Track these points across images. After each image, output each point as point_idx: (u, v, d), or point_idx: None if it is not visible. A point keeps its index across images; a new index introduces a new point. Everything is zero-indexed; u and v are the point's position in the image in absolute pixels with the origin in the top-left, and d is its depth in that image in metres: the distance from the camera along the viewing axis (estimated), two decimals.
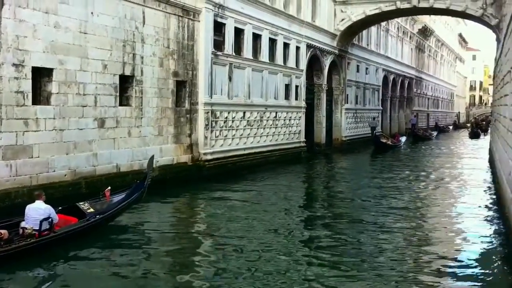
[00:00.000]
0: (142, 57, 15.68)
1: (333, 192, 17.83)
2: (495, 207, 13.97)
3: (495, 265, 8.92)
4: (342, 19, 30.06)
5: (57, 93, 12.93)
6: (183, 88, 17.73)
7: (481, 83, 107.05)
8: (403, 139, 38.31)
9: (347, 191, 17.78)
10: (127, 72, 15.17)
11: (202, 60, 18.39)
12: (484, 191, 17.29)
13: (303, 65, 26.56)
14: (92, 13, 13.85)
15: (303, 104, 26.71)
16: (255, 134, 22.13)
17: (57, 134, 12.91)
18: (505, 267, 8.57)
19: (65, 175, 13.10)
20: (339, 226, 11.95)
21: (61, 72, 12.99)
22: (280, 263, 8.77)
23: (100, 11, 14.09)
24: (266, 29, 22.57)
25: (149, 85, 16.02)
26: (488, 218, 12.82)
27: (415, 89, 53.01)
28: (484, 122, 65.57)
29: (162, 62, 16.62)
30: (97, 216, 10.12)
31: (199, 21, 18.24)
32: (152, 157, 12.22)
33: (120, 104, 15.02)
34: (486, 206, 14.43)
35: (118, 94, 14.86)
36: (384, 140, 34.87)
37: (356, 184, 19.20)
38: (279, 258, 9.09)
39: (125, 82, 15.24)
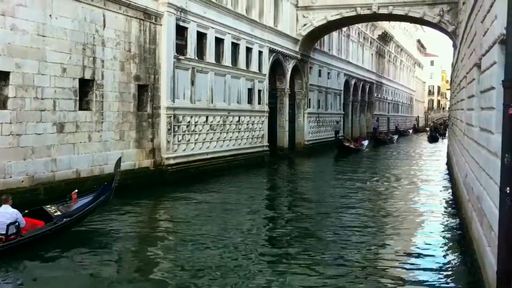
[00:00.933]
0: (102, 61, 15.46)
1: (296, 195, 17.95)
2: (452, 207, 14.35)
3: (452, 262, 9.15)
4: (304, 24, 30.37)
5: (14, 97, 12.61)
6: (145, 92, 17.56)
7: (439, 88, 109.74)
8: (366, 142, 39.11)
9: (310, 193, 17.97)
10: (87, 76, 14.92)
11: (164, 64, 18.26)
12: (442, 192, 17.73)
13: (266, 69, 26.69)
14: (50, 15, 13.58)
15: (266, 108, 26.82)
16: (218, 138, 22.09)
17: (14, 139, 12.58)
18: (462, 266, 8.79)
19: (22, 181, 12.78)
20: (301, 227, 12.03)
21: (18, 75, 12.68)
22: (242, 262, 8.79)
23: (59, 14, 13.83)
24: (228, 33, 22.59)
25: (110, 89, 15.80)
26: (446, 218, 13.16)
27: (375, 94, 53.94)
28: (442, 126, 67.26)
29: (123, 66, 16.42)
30: (64, 219, 10.00)
31: (161, 24, 18.11)
32: (120, 159, 12.10)
33: (80, 109, 14.77)
34: (444, 207, 14.83)
35: (78, 98, 14.60)
36: (347, 144, 35.45)
37: (319, 187, 19.45)
38: (241, 258, 9.15)
39: (85, 86, 14.99)
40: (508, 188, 4.84)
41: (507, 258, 4.87)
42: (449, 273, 8.53)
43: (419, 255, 9.68)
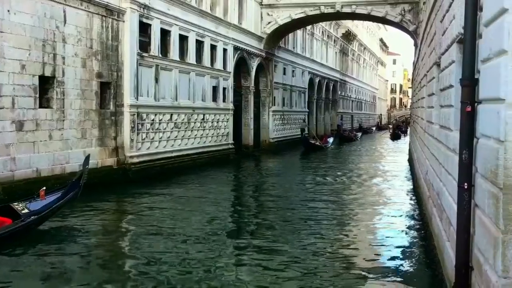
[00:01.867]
0: (63, 58, 15.14)
1: (261, 190, 18.01)
2: (414, 203, 14.63)
3: (413, 258, 9.32)
4: (269, 22, 30.45)
5: None
6: (107, 89, 17.28)
7: (401, 86, 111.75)
8: (331, 140, 39.75)
9: (275, 189, 18.02)
10: (48, 73, 14.59)
11: (127, 61, 18.00)
12: (404, 189, 18.06)
13: (231, 67, 26.65)
14: (8, 11, 13.21)
15: (231, 106, 26.79)
16: (183, 136, 21.95)
17: None
18: (423, 261, 8.97)
19: None
20: (265, 220, 12.09)
21: None
22: (206, 263, 8.74)
23: (17, 9, 13.47)
24: (193, 30, 22.45)
25: (71, 87, 15.49)
26: (407, 214, 13.40)
27: (339, 92, 54.56)
28: (404, 124, 68.53)
29: (85, 63, 16.12)
30: (32, 217, 9.90)
31: (123, 21, 17.85)
32: (88, 156, 11.98)
33: (40, 106, 14.43)
34: (406, 203, 15.09)
35: (37, 95, 14.26)
36: (313, 141, 36.05)
37: (284, 183, 19.56)
38: (205, 250, 9.20)
39: (46, 83, 14.65)
40: (465, 184, 4.96)
41: (464, 252, 4.99)
42: (410, 268, 8.68)
43: (380, 251, 9.85)
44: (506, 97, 3.77)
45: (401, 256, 9.39)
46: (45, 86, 14.66)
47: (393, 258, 9.22)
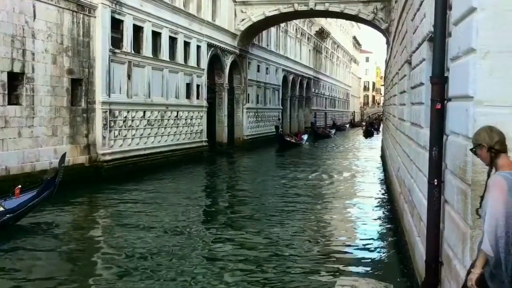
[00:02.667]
0: (33, 53, 14.85)
1: (235, 189, 17.98)
2: (386, 199, 14.81)
3: (385, 254, 9.44)
4: (243, 20, 30.39)
5: None
6: (79, 86, 17.03)
7: (373, 83, 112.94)
8: (305, 137, 40.16)
9: (249, 187, 18.04)
10: (17, 69, 14.30)
11: (99, 57, 17.76)
12: (376, 185, 18.27)
13: (204, 64, 26.53)
14: None
15: (205, 103, 26.67)
16: (156, 133, 21.76)
17: None
18: (395, 257, 9.08)
19: None
20: (239, 221, 12.07)
21: None
22: (178, 259, 8.71)
23: None
24: (166, 27, 22.27)
25: (41, 83, 15.21)
26: (380, 210, 13.56)
27: (313, 89, 54.82)
28: (377, 121, 69.24)
29: (56, 59, 15.85)
30: (7, 215, 9.99)
31: (95, 17, 17.60)
32: (64, 154, 11.95)
33: (9, 103, 14.13)
34: (378, 199, 15.26)
35: (6, 92, 13.97)
36: (288, 138, 36.42)
37: (259, 180, 19.69)
38: (177, 253, 9.09)
39: (15, 80, 14.35)
40: (435, 180, 5.03)
41: (434, 248, 5.06)
42: (382, 264, 8.79)
43: (352, 247, 9.94)
44: (474, 95, 3.83)
45: (373, 252, 9.50)
46: (14, 83, 14.35)
47: (365, 254, 9.33)
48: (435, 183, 5.02)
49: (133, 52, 19.86)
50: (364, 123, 68.55)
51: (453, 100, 4.68)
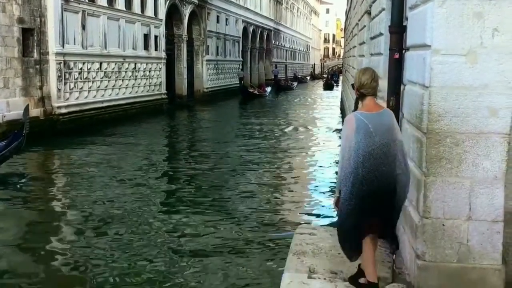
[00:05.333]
0: None
1: (196, 142, 17.92)
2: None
3: None
4: None
5: None
6: (30, 36, 16.35)
7: (334, 36, 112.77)
8: (269, 89, 40.51)
9: (210, 140, 18.02)
10: None
11: (51, 6, 17.01)
12: (334, 135, 18.50)
13: (162, 14, 25.82)
14: None
15: (163, 55, 26.12)
16: (113, 86, 21.27)
17: None
18: None
19: None
20: (200, 176, 12.06)
21: None
22: (140, 216, 8.67)
23: None
24: None
25: None
26: (337, 161, 13.78)
27: (273, 41, 54.39)
28: (337, 73, 69.47)
29: (5, 7, 15.11)
30: None
31: None
32: (27, 106, 11.93)
33: None
34: (337, 150, 15.48)
35: None
36: (251, 90, 36.89)
37: (220, 132, 19.76)
38: (139, 211, 8.95)
39: None
40: None
41: None
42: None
43: (310, 198, 10.06)
44: (432, 43, 3.84)
45: (329, 202, 9.68)
46: None
47: (323, 205, 9.48)
48: None
49: (87, 0, 19.10)
50: (325, 75, 68.71)
51: (411, 50, 4.69)
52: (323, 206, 9.32)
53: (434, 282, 3.95)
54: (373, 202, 3.70)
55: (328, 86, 50.64)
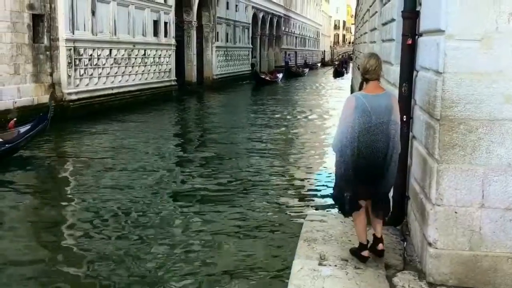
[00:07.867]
0: None
1: (207, 129, 17.92)
2: None
3: None
4: None
5: None
6: (40, 22, 16.37)
7: (344, 22, 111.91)
8: (280, 75, 40.62)
9: (221, 126, 18.01)
10: None
11: None
12: None
13: (172, 0, 25.71)
14: None
15: (173, 41, 26.06)
16: (123, 72, 21.28)
17: None
18: None
19: None
20: (210, 157, 12.15)
21: None
22: (152, 200, 8.72)
23: None
24: None
25: (0, 19, 14.54)
26: None
27: (283, 28, 54.07)
28: (348, 60, 68.92)
29: None
30: (7, 145, 10.61)
31: None
32: (52, 92, 12.44)
33: None
34: None
35: None
36: (263, 76, 37.21)
37: (231, 119, 19.81)
38: (151, 196, 9.02)
39: None
40: (404, 116, 5.04)
41: (402, 183, 5.13)
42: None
43: (320, 186, 10.02)
44: (446, 29, 3.78)
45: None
46: None
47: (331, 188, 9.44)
48: (404, 119, 5.03)
49: None
50: (336, 62, 68.24)
51: (424, 35, 4.62)
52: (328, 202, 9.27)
53: (445, 269, 3.93)
54: (366, 174, 4.08)
55: (338, 74, 50.70)
